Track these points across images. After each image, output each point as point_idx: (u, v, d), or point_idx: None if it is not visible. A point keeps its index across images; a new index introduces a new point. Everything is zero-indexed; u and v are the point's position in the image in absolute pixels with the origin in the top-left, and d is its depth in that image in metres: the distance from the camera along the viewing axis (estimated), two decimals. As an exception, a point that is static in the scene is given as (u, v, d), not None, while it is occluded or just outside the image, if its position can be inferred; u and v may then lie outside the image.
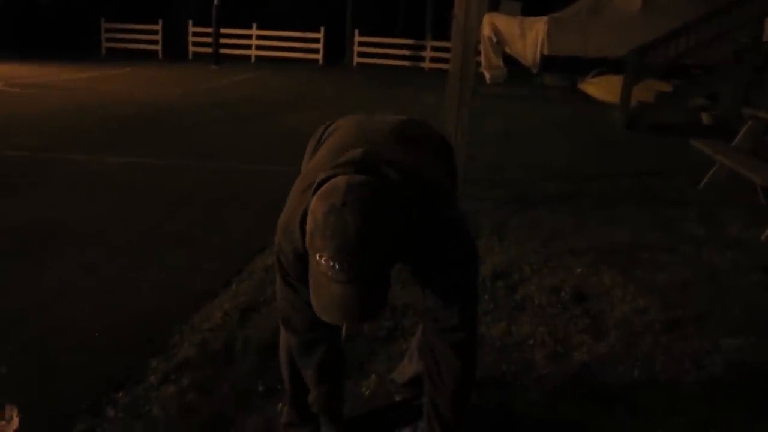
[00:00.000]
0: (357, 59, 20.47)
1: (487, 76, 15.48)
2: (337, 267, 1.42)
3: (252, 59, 20.48)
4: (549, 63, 14.96)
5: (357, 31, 20.51)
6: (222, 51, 19.22)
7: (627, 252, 4.28)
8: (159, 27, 20.67)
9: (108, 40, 20.96)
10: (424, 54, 20.17)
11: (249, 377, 2.57)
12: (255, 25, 20.54)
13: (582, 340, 3.03)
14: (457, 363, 1.79)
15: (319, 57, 20.52)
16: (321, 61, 20.43)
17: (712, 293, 3.65)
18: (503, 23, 15.07)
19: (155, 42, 20.78)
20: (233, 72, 16.73)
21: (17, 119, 8.67)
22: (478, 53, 11.84)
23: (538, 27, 14.13)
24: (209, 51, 19.26)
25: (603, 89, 12.55)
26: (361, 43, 20.46)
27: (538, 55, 14.11)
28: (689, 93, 10.72)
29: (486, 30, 14.89)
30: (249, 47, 20.71)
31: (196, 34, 20.92)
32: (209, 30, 19.47)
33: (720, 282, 3.83)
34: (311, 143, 2.10)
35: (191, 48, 21.02)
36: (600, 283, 3.72)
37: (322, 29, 20.34)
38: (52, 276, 3.63)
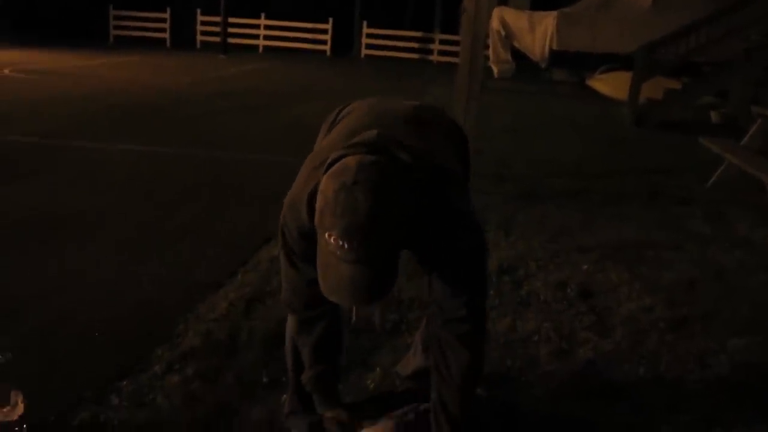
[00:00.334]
0: (365, 51, 20.44)
1: (495, 70, 15.43)
2: (347, 246, 1.41)
3: (260, 49, 20.46)
4: (557, 58, 14.91)
5: (365, 23, 20.46)
6: (230, 40, 19.23)
7: (634, 249, 4.26)
8: (167, 15, 20.68)
9: (116, 27, 20.97)
10: (432, 47, 20.13)
11: (253, 368, 2.57)
12: (263, 15, 20.51)
13: (587, 337, 3.02)
14: (465, 355, 1.77)
15: (327, 48, 20.50)
16: (329, 53, 20.42)
17: (718, 292, 3.63)
18: (512, 17, 15.03)
19: (163, 30, 20.79)
20: (241, 62, 16.72)
21: (23, 105, 8.67)
22: (486, 47, 11.80)
23: (547, 21, 14.09)
24: (217, 40, 19.27)
25: (612, 85, 12.50)
26: (370, 35, 20.41)
27: (546, 50, 14.09)
28: (698, 91, 10.67)
29: (495, 23, 14.84)
30: (257, 37, 20.69)
31: (204, 23, 20.93)
32: (217, 19, 19.48)
33: (727, 281, 3.80)
34: (324, 126, 2.10)
35: (199, 37, 21.02)
36: (606, 280, 3.70)
37: (330, 20, 20.31)
38: (56, 264, 3.62)
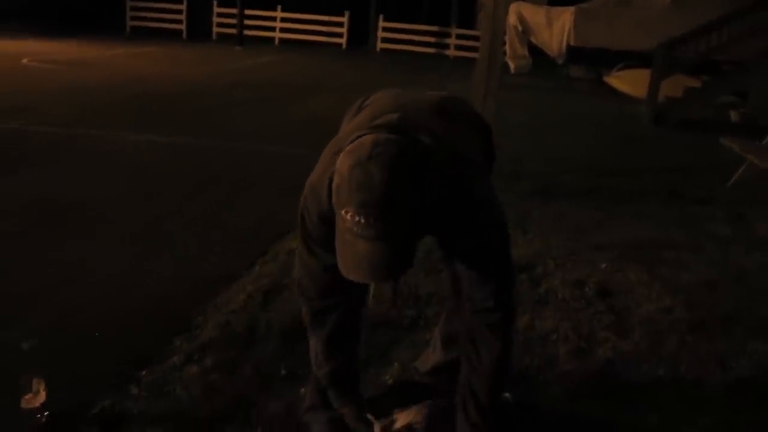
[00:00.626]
0: (381, 45, 20.36)
1: (512, 65, 15.35)
2: (362, 221, 1.41)
3: (276, 41, 20.43)
4: (575, 54, 14.80)
5: (381, 17, 20.40)
6: (246, 32, 19.23)
7: (652, 249, 4.22)
8: (184, 6, 20.64)
9: (133, 18, 20.96)
10: (448, 41, 20.01)
11: (271, 360, 2.57)
12: (279, 8, 20.48)
13: (606, 336, 3.00)
14: (496, 344, 1.77)
15: (343, 41, 20.44)
16: (344, 46, 20.36)
17: (739, 294, 3.59)
18: (529, 12, 14.94)
19: (179, 21, 20.76)
20: (257, 54, 16.73)
21: (41, 94, 8.71)
22: (503, 42, 11.72)
23: (564, 17, 13.99)
24: (233, 32, 19.26)
25: (629, 83, 12.39)
26: (386, 29, 20.34)
27: (564, 46, 13.99)
28: (718, 89, 10.55)
29: (512, 18, 14.75)
30: (273, 29, 20.65)
31: (220, 14, 20.90)
32: (234, 11, 19.47)
33: (748, 283, 3.76)
34: (348, 115, 2.08)
35: (215, 28, 21.00)
36: (625, 280, 3.67)
37: (346, 13, 20.25)
38: (73, 253, 3.64)
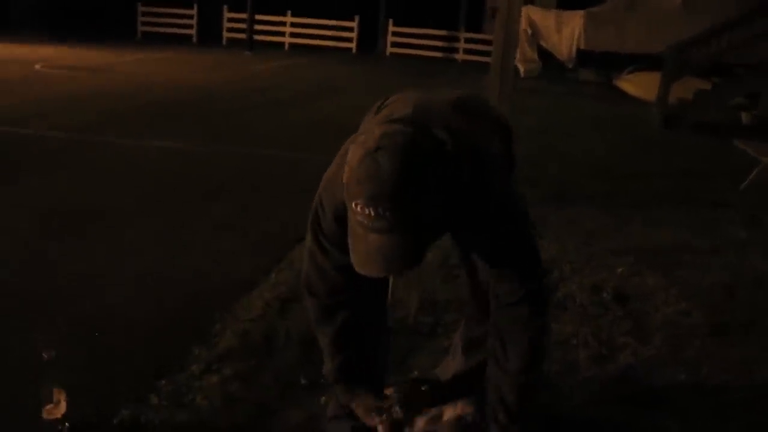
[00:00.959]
0: (390, 49, 20.37)
1: (521, 69, 15.31)
2: (372, 213, 1.39)
3: (285, 46, 20.46)
4: (584, 58, 14.78)
5: (391, 21, 20.41)
6: (256, 38, 19.26)
7: (669, 253, 4.20)
8: (194, 12, 20.72)
9: (144, 23, 21.06)
10: (457, 46, 19.99)
11: (291, 369, 2.56)
12: (289, 13, 20.53)
13: (626, 342, 2.98)
14: (524, 341, 1.72)
15: (353, 46, 20.45)
16: (354, 50, 20.36)
17: (758, 298, 3.57)
18: (539, 16, 14.92)
19: (190, 27, 20.84)
20: (267, 59, 16.76)
21: (55, 100, 8.76)
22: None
23: (574, 21, 13.97)
24: (243, 37, 19.29)
25: (640, 86, 12.35)
26: (395, 33, 20.36)
27: (573, 50, 13.97)
28: (729, 92, 10.50)
29: (522, 23, 14.74)
30: (283, 34, 20.68)
31: (230, 19, 20.95)
32: (244, 16, 19.51)
33: (767, 287, 3.74)
34: (367, 117, 2.07)
35: (225, 34, 21.05)
36: (642, 284, 3.65)
37: (356, 18, 20.27)
38: (92, 260, 3.66)
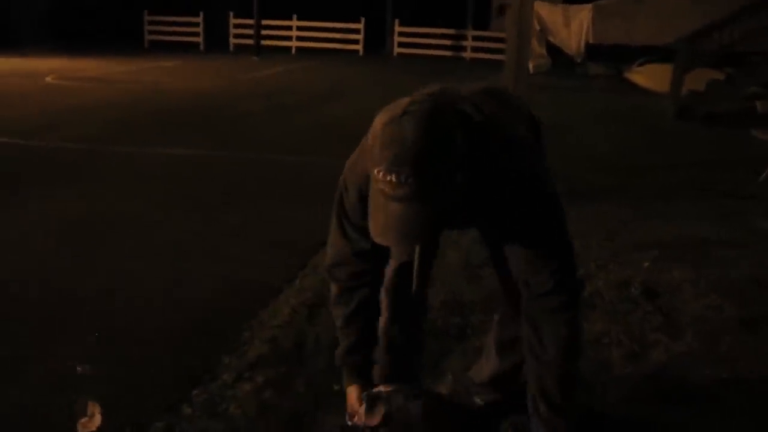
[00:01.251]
0: (397, 49, 20.38)
1: (531, 65, 15.25)
2: (394, 179, 1.36)
3: (292, 50, 20.51)
4: (593, 52, 14.72)
5: (397, 21, 20.40)
6: (263, 43, 19.31)
7: (693, 246, 4.15)
8: (200, 19, 20.80)
9: (151, 32, 21.16)
10: (465, 44, 19.96)
11: (323, 376, 2.53)
12: (295, 17, 20.55)
13: (658, 338, 2.94)
14: (559, 329, 1.67)
15: (360, 47, 20.47)
16: (361, 52, 20.38)
17: (789, 290, 3.52)
18: (546, 11, 14.88)
19: (197, 34, 20.92)
20: (275, 63, 16.79)
21: (67, 112, 8.80)
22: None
23: (582, 15, 13.93)
24: (250, 43, 19.35)
25: (651, 78, 12.28)
26: (402, 33, 20.35)
27: (582, 44, 13.92)
28: (743, 81, 10.40)
29: (530, 18, 14.71)
30: (289, 38, 20.74)
31: (237, 26, 21.02)
32: (250, 22, 19.56)
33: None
34: None
35: (232, 40, 21.11)
36: (670, 279, 3.61)
37: (362, 20, 20.27)
38: (113, 269, 3.67)
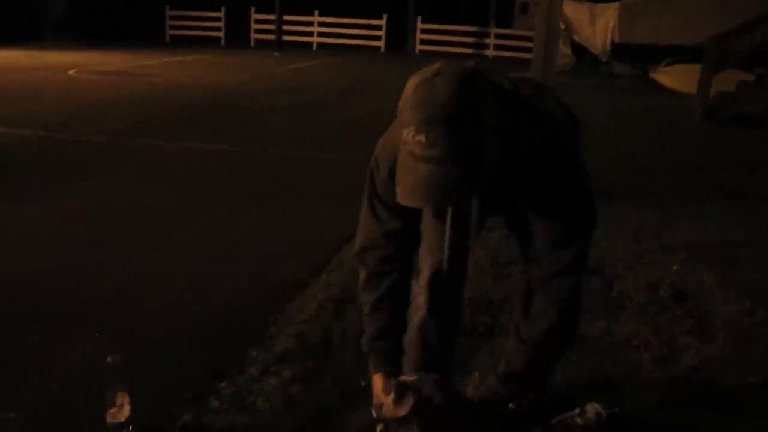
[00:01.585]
0: (419, 47, 20.32)
1: (554, 64, 15.19)
2: (424, 139, 1.33)
3: (314, 46, 20.53)
4: (618, 51, 14.59)
5: (420, 18, 20.34)
6: (284, 38, 19.33)
7: (722, 250, 4.09)
8: (222, 14, 20.88)
9: (172, 27, 21.28)
10: (487, 41, 19.88)
11: (350, 371, 2.51)
12: (317, 12, 20.56)
13: (688, 342, 2.89)
14: (553, 313, 1.69)
15: (381, 44, 20.44)
16: (383, 49, 20.36)
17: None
18: (572, 9, 14.75)
19: (218, 29, 21.01)
20: (296, 59, 16.81)
21: (90, 105, 8.86)
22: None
23: (608, 13, 13.82)
24: (271, 38, 19.41)
25: (678, 79, 12.13)
26: (424, 30, 20.29)
27: (608, 43, 13.79)
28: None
29: (554, 17, 14.60)
30: (311, 34, 20.76)
31: (258, 21, 21.07)
32: (271, 17, 19.61)
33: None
34: None
35: (253, 35, 21.18)
36: (699, 282, 3.55)
37: (384, 16, 20.24)
38: (139, 262, 3.67)
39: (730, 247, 4.15)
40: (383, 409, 1.78)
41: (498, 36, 19.65)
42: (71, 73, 12.09)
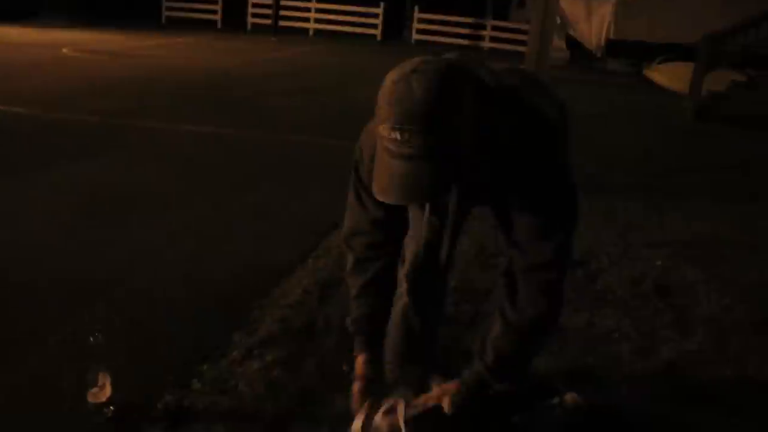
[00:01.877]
0: (415, 36, 20.25)
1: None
2: (399, 137, 1.33)
3: (310, 32, 20.43)
4: (612, 47, 14.60)
5: (417, 8, 20.28)
6: (280, 23, 19.24)
7: (707, 247, 4.13)
8: (219, -3, 20.74)
9: (168, 8, 21.10)
10: (484, 33, 19.83)
11: (333, 356, 2.53)
12: (314, -1, 20.47)
13: (668, 335, 2.94)
14: (542, 302, 1.66)
15: (378, 32, 20.35)
16: (379, 37, 20.27)
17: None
18: (568, 4, 14.75)
19: (214, 12, 20.85)
20: (292, 44, 16.74)
21: (84, 85, 8.79)
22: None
23: (604, 10, 13.83)
24: (268, 23, 19.30)
25: (671, 77, 12.17)
26: (421, 20, 20.23)
27: (603, 39, 13.80)
28: (765, 84, 10.27)
29: (550, 11, 14.59)
30: (307, 20, 20.65)
31: (255, 5, 20.93)
32: (268, 2, 19.50)
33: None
34: None
35: (250, 19, 21.04)
36: (682, 278, 3.60)
37: (381, 4, 20.15)
38: (130, 243, 3.67)
39: (715, 244, 4.20)
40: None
41: (494, 28, 19.59)
42: (65, 51, 11.99)
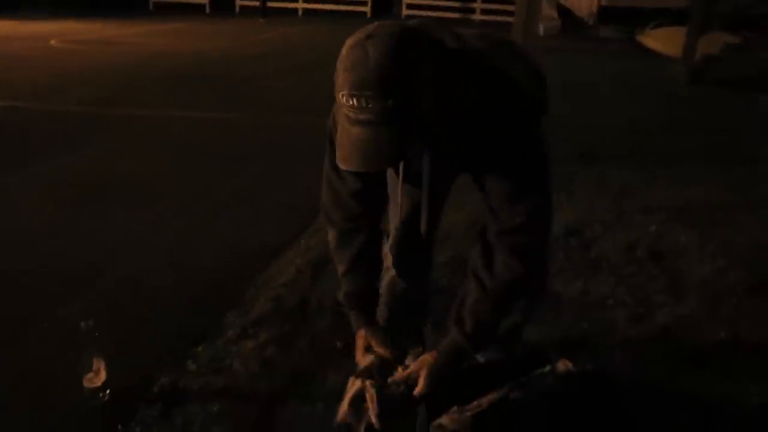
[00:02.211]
0: (405, 11, 20.14)
1: (540, 27, 15.05)
2: (356, 103, 1.32)
3: (299, 12, 20.29)
4: (605, 14, 14.49)
5: (406, -17, 20.15)
6: (269, 4, 19.10)
7: (701, 211, 4.11)
8: (206, -20, 20.55)
9: (155, -6, 20.94)
10: (474, 5, 19.73)
11: (326, 334, 2.54)
12: (302, -22, 20.31)
13: (663, 300, 2.93)
14: (517, 267, 1.61)
15: (367, 9, 20.24)
16: (369, 14, 20.15)
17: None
18: (558, -28, 14.64)
19: (203, -5, 20.70)
20: (281, 25, 16.63)
21: (73, 75, 8.72)
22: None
23: (595, -24, 13.67)
24: (256, 4, 19.15)
25: (664, 42, 12.07)
26: (410, -5, 20.12)
27: (594, 6, 13.68)
28: (761, 46, 10.20)
29: (540, -20, 14.46)
30: (296, 0, 20.51)
31: (243, -13, 20.78)
32: (257, -17, 19.36)
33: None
34: None
35: (238, 2, 20.88)
36: (676, 243, 3.59)
37: (369, -19, 20.03)
38: (119, 228, 3.67)
39: (709, 208, 4.17)
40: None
41: (485, 0, 19.50)
42: (53, 43, 11.89)
